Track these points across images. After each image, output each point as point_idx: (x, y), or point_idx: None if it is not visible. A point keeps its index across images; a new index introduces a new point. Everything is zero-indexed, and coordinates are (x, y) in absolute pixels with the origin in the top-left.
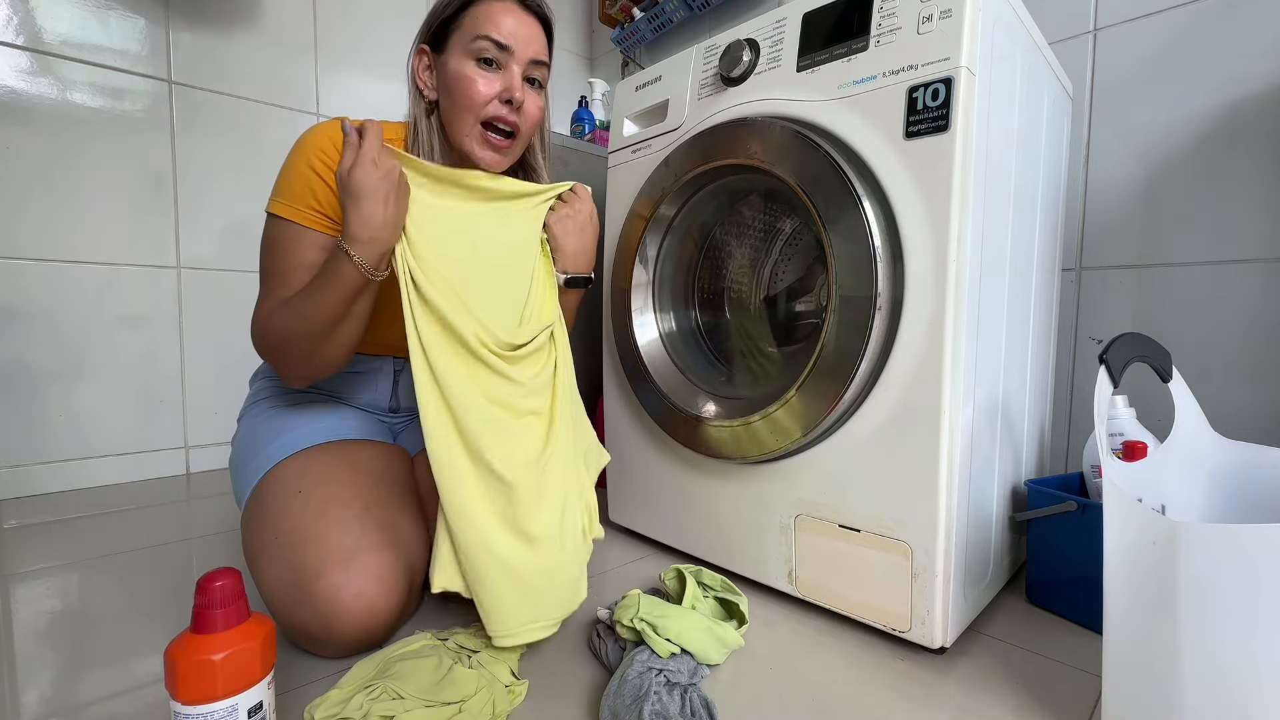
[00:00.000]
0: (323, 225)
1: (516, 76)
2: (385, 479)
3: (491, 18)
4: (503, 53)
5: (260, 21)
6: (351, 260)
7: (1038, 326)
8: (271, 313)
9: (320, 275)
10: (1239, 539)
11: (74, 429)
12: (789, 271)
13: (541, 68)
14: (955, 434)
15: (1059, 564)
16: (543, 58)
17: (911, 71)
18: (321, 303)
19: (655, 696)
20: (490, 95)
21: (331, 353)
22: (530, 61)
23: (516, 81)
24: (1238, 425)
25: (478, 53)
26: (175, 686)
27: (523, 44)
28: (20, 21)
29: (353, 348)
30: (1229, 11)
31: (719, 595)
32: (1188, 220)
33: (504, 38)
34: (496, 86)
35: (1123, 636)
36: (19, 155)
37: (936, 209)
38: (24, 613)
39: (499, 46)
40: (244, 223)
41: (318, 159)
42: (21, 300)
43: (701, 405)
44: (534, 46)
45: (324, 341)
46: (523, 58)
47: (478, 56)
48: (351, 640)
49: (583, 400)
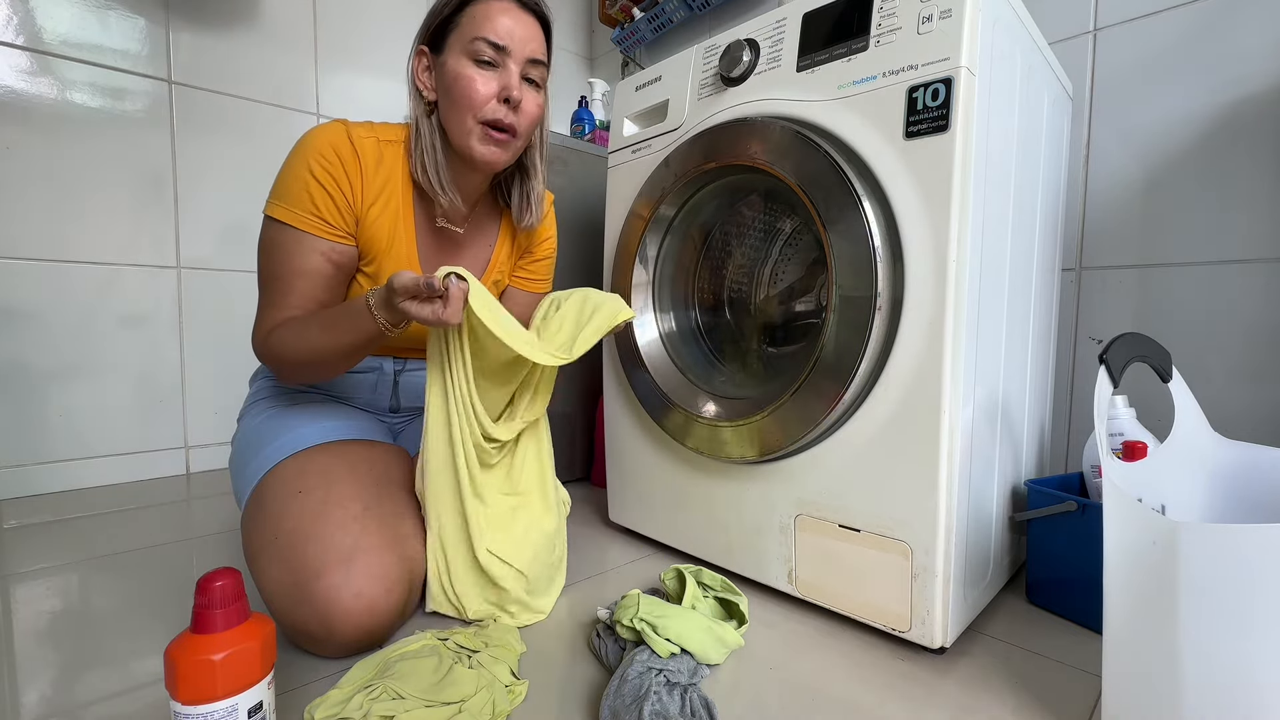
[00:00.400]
0: (321, 230)
1: (514, 76)
2: (385, 479)
3: (489, 18)
4: (500, 53)
5: (260, 21)
6: (374, 319)
7: (1038, 326)
8: (278, 327)
9: (341, 316)
10: (1239, 539)
11: (74, 429)
12: (789, 271)
13: (539, 67)
14: (955, 434)
15: (1059, 564)
16: (540, 56)
17: (911, 71)
18: (336, 340)
19: (655, 696)
20: (489, 95)
21: (333, 374)
22: (528, 61)
23: (514, 81)
24: (1238, 425)
25: (475, 54)
26: (175, 686)
27: (520, 43)
28: (20, 21)
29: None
30: (1229, 12)
31: (719, 595)
32: (1188, 220)
33: (500, 38)
34: (494, 86)
35: (1123, 636)
36: (19, 155)
37: (936, 209)
38: (24, 613)
39: (495, 47)
40: (244, 223)
41: (317, 164)
42: (21, 300)
43: (701, 405)
44: (531, 45)
45: (330, 367)
46: (520, 57)
47: (475, 57)
48: (351, 640)
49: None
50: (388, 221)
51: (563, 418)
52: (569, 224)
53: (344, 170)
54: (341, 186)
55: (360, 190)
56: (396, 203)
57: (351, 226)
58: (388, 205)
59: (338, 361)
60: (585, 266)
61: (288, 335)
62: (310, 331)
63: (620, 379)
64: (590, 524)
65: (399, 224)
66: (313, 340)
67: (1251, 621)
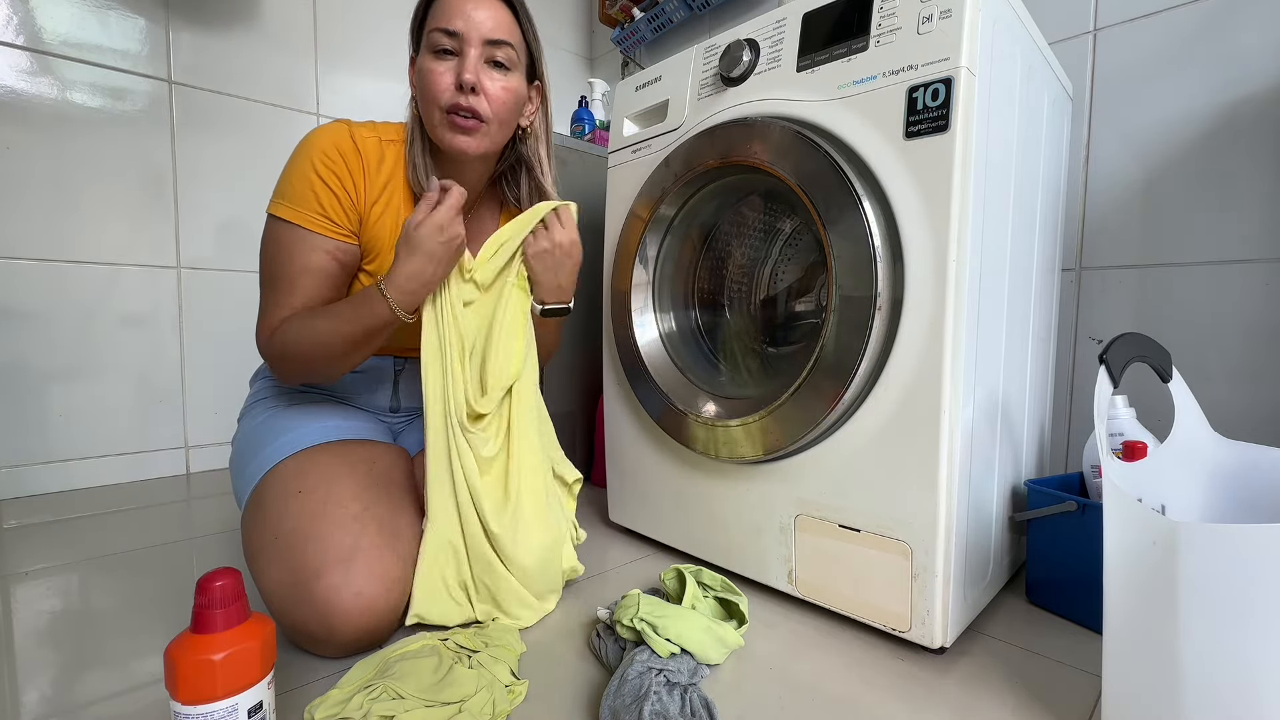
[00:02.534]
0: (326, 228)
1: (469, 60)
2: (385, 479)
3: (445, 5)
4: (454, 39)
5: (260, 21)
6: (386, 302)
7: (1038, 326)
8: (284, 323)
9: (349, 306)
10: (1238, 539)
11: (74, 429)
12: (789, 271)
13: (504, 47)
14: (955, 434)
15: (1059, 564)
16: (501, 36)
17: (911, 71)
18: (344, 331)
19: (655, 696)
20: (446, 85)
21: (339, 370)
22: (485, 42)
23: (468, 64)
24: (1238, 425)
25: (434, 45)
26: (175, 686)
27: (474, 26)
28: (20, 21)
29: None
30: (1229, 11)
31: (719, 595)
32: (1188, 220)
33: (453, 25)
34: (451, 75)
35: (1123, 636)
36: (19, 155)
37: (936, 209)
38: (24, 613)
39: (449, 34)
40: (244, 223)
41: (321, 162)
42: (21, 300)
43: (701, 405)
44: (487, 26)
45: (336, 362)
46: (477, 39)
47: (434, 48)
48: (351, 640)
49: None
50: (390, 220)
51: (563, 418)
52: None
53: (348, 169)
54: (345, 185)
55: (364, 189)
56: (398, 201)
57: (355, 225)
58: (390, 204)
59: (344, 354)
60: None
61: (293, 329)
62: (318, 323)
63: (620, 379)
64: (590, 524)
65: (400, 222)
66: (320, 332)
67: (1251, 621)
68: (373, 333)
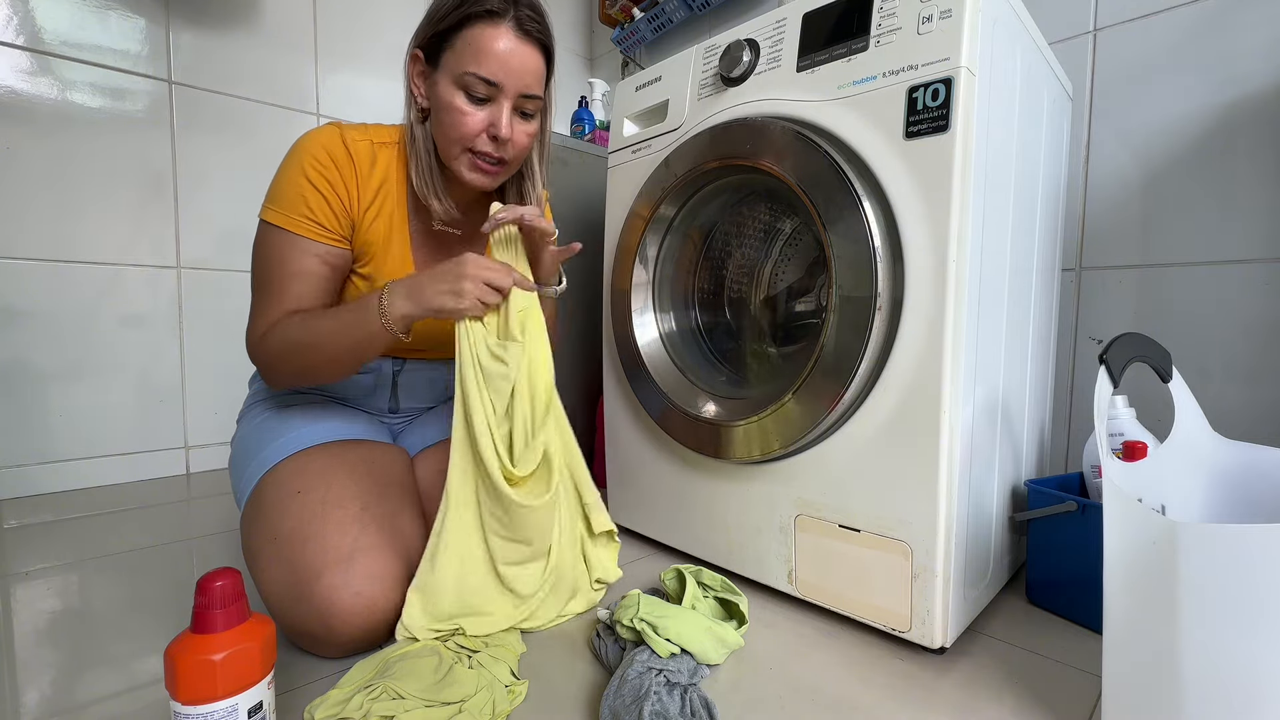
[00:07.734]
0: (316, 233)
1: (504, 112)
2: (384, 479)
3: (484, 49)
4: (491, 88)
5: (260, 21)
6: (382, 308)
7: (1038, 326)
8: (275, 325)
9: (347, 314)
10: (1239, 539)
11: (74, 429)
12: (789, 271)
13: (533, 100)
14: (955, 434)
15: (1059, 564)
16: (535, 92)
17: (911, 72)
18: (339, 339)
19: (655, 696)
20: (476, 130)
21: (330, 377)
22: (521, 96)
23: (504, 119)
24: (1238, 425)
25: (466, 87)
26: (175, 686)
27: (515, 77)
28: (20, 21)
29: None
30: (1229, 11)
31: (719, 595)
32: (1188, 220)
33: (494, 75)
34: (483, 122)
35: (1123, 636)
36: (19, 155)
37: (936, 209)
38: (24, 613)
39: (488, 84)
40: (244, 223)
41: (311, 167)
42: (22, 300)
43: (702, 405)
44: (527, 80)
45: (328, 369)
46: (513, 92)
47: (467, 90)
48: (351, 640)
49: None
50: (383, 224)
51: None
52: (569, 224)
53: (339, 174)
54: (337, 190)
55: (356, 193)
56: (392, 205)
57: (347, 230)
58: (383, 207)
59: (331, 361)
60: (585, 266)
61: (289, 330)
62: (314, 327)
63: (620, 379)
64: None
65: (394, 226)
66: (316, 335)
67: (1251, 621)
68: (366, 343)
